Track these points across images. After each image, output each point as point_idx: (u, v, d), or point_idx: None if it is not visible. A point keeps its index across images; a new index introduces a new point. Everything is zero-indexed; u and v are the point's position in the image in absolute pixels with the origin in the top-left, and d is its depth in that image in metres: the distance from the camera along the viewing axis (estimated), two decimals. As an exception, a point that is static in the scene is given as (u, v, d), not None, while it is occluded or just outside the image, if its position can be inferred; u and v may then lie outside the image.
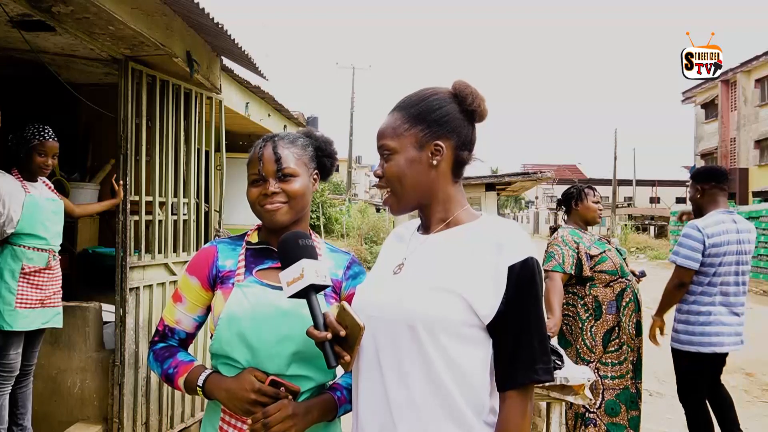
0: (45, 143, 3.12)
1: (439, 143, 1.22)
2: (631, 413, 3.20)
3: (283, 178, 1.40)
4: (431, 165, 1.23)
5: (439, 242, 1.24)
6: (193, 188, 3.81)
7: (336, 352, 1.19)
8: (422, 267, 1.22)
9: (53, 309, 3.14)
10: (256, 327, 1.34)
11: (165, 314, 1.50)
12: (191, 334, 1.49)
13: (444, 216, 1.26)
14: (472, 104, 1.24)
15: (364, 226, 18.80)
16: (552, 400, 2.53)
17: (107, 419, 3.27)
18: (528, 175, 6.45)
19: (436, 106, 1.24)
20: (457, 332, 1.15)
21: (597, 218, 3.44)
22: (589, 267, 3.21)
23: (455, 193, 1.27)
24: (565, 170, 52.97)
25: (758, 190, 20.35)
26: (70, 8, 2.55)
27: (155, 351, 1.47)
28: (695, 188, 3.51)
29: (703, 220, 3.37)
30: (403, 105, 1.27)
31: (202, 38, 3.59)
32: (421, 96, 1.26)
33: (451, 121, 1.23)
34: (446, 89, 1.27)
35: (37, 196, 3.12)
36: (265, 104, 5.58)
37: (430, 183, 1.24)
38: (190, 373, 1.38)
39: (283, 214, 1.40)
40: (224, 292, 1.41)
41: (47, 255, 3.12)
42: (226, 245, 1.49)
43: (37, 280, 3.07)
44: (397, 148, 1.24)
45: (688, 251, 3.32)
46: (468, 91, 1.24)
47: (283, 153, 1.41)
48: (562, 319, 3.31)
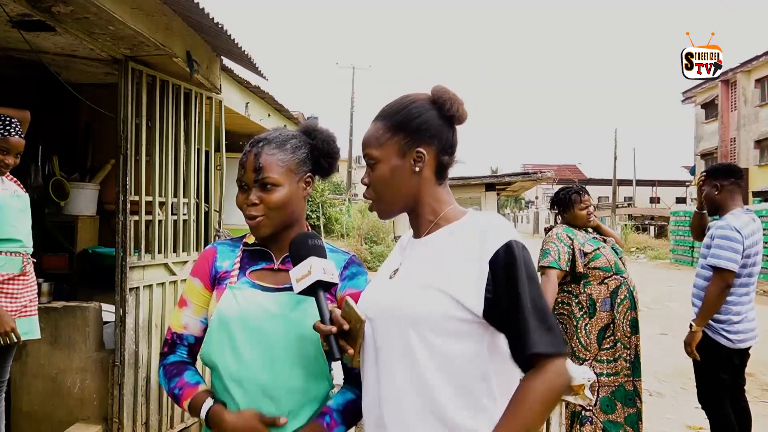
0: (8, 139, 2.76)
1: (421, 150, 1.26)
2: (628, 411, 3.20)
3: (264, 188, 1.39)
4: (414, 171, 1.26)
5: (428, 243, 1.27)
6: (193, 188, 3.81)
7: (341, 346, 1.25)
8: (413, 269, 1.26)
9: (29, 318, 2.85)
10: (242, 329, 1.35)
11: (171, 322, 1.51)
12: (199, 338, 1.48)
13: (432, 217, 1.29)
14: (450, 109, 1.27)
15: (364, 226, 18.79)
16: (552, 400, 2.52)
17: (107, 419, 3.27)
18: (528, 175, 6.45)
19: (415, 114, 1.27)
20: (446, 329, 1.17)
21: (586, 224, 3.46)
22: (582, 264, 3.23)
23: (440, 194, 1.31)
24: (565, 170, 52.97)
25: (758, 190, 20.36)
26: (70, 8, 2.55)
27: (165, 366, 1.47)
28: (713, 185, 3.38)
29: (736, 220, 3.26)
30: (385, 114, 1.30)
31: (202, 38, 3.59)
32: (401, 104, 1.29)
33: (431, 127, 1.26)
34: (425, 95, 1.30)
35: (3, 195, 2.79)
36: (265, 104, 5.58)
37: (414, 188, 1.28)
38: (193, 399, 1.39)
39: (262, 226, 1.40)
40: (218, 292, 1.43)
41: (21, 259, 2.80)
42: (226, 246, 1.51)
43: (11, 288, 2.75)
44: (381, 157, 1.27)
45: (730, 253, 3.18)
46: (446, 97, 1.27)
47: (266, 161, 1.38)
48: (557, 317, 3.32)
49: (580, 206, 3.42)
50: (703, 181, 3.48)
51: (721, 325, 3.27)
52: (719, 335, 3.27)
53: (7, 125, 2.79)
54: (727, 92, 23.73)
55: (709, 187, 3.43)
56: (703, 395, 3.42)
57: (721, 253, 3.20)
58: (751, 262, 3.28)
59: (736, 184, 3.39)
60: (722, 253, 3.20)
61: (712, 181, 3.40)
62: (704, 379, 3.40)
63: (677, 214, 20.93)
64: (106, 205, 4.57)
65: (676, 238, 20.49)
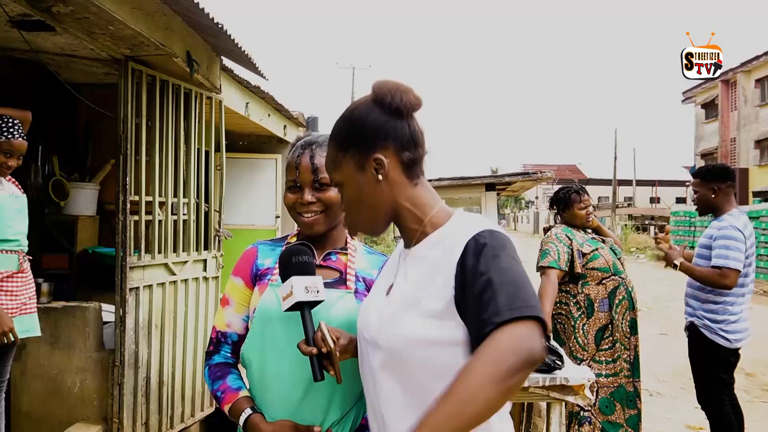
0: (11, 142, 2.78)
1: (378, 156, 1.15)
2: (629, 412, 3.21)
3: (320, 188, 1.44)
4: (378, 180, 1.16)
5: (415, 256, 1.19)
6: (193, 188, 3.81)
7: (322, 366, 1.26)
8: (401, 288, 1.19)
9: (30, 316, 2.90)
10: (283, 324, 1.39)
11: (216, 321, 1.55)
12: (242, 335, 1.52)
13: (416, 225, 1.19)
14: (392, 102, 1.15)
15: (364, 226, 18.78)
16: (552, 400, 2.53)
17: (107, 419, 3.27)
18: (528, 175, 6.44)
19: (358, 121, 1.17)
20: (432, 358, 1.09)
21: (585, 224, 3.46)
22: (580, 264, 3.24)
23: (419, 196, 1.19)
24: (565, 170, 53.00)
25: (758, 190, 20.34)
26: (70, 8, 2.55)
27: (210, 366, 1.52)
28: (709, 188, 3.39)
29: (736, 221, 3.30)
30: (332, 134, 1.22)
31: (202, 38, 3.59)
32: (343, 117, 1.21)
33: (379, 128, 1.16)
34: (367, 97, 1.19)
35: (1, 195, 2.83)
36: (265, 104, 5.58)
37: (387, 197, 1.17)
38: (234, 404, 1.43)
39: (320, 223, 1.46)
40: (260, 288, 1.48)
41: (17, 257, 2.84)
42: (267, 246, 1.56)
43: (9, 286, 2.80)
44: (343, 179, 1.19)
45: (736, 253, 3.20)
46: (385, 90, 1.16)
47: (320, 162, 1.43)
48: (555, 317, 3.33)
49: (579, 206, 3.42)
50: (697, 183, 3.49)
51: (718, 325, 3.28)
52: (717, 335, 3.28)
53: (10, 127, 2.80)
54: (727, 92, 23.74)
55: (705, 189, 3.43)
56: (703, 396, 3.43)
57: (728, 253, 3.20)
58: (748, 263, 3.31)
59: (731, 186, 3.42)
60: (729, 253, 3.20)
61: (708, 184, 3.41)
62: (703, 380, 3.41)
63: (677, 214, 20.96)
64: (106, 205, 4.57)
65: (676, 238, 20.51)
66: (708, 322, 3.30)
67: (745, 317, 3.34)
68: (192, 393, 3.75)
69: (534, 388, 2.46)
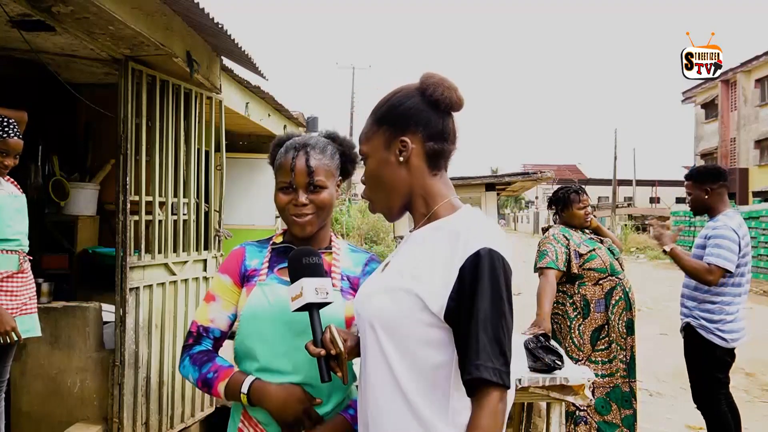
0: (7, 141, 2.77)
1: (404, 139, 1.22)
2: (624, 412, 3.22)
3: (313, 190, 1.46)
4: (400, 162, 1.23)
5: (415, 239, 1.25)
6: (193, 188, 3.81)
7: (329, 367, 1.27)
8: (396, 266, 1.24)
9: (30, 316, 2.89)
10: (273, 323, 1.42)
11: (197, 316, 1.55)
12: (224, 332, 1.53)
13: (425, 211, 1.25)
14: (434, 93, 1.21)
15: (364, 226, 18.79)
16: (552, 400, 2.53)
17: (107, 419, 3.27)
18: (528, 175, 6.43)
19: (398, 103, 1.24)
20: (415, 332, 1.14)
21: (584, 224, 3.46)
22: (577, 264, 3.25)
23: (435, 185, 1.25)
24: (565, 170, 52.99)
25: (758, 190, 20.35)
26: (70, 8, 2.55)
27: (192, 355, 1.50)
28: (702, 189, 3.42)
29: (731, 221, 3.31)
30: (373, 109, 1.29)
31: (202, 38, 3.59)
32: (386, 97, 1.28)
33: (414, 114, 1.22)
34: (414, 84, 1.27)
35: (1, 195, 2.82)
36: (265, 104, 5.57)
37: (404, 181, 1.24)
38: (231, 378, 1.43)
39: (313, 225, 1.48)
40: (248, 289, 1.49)
41: (17, 257, 2.84)
42: (254, 247, 1.57)
43: (10, 286, 2.80)
44: (369, 152, 1.27)
45: (729, 253, 3.22)
46: (430, 81, 1.23)
47: (315, 165, 1.46)
48: (552, 317, 3.33)
49: (578, 206, 3.42)
50: (690, 185, 3.51)
51: (715, 325, 3.29)
52: (714, 335, 3.29)
53: (6, 127, 2.79)
54: (727, 92, 23.74)
55: (698, 191, 3.46)
56: (699, 396, 3.44)
57: (720, 252, 3.22)
58: (744, 262, 3.32)
59: (724, 186, 3.44)
60: (721, 252, 3.22)
61: (701, 186, 3.44)
62: (700, 380, 3.43)
63: (677, 214, 20.92)
64: (106, 205, 4.57)
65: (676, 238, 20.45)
66: (704, 322, 3.31)
67: (741, 317, 3.34)
68: (192, 393, 3.75)
69: (534, 388, 2.46)
